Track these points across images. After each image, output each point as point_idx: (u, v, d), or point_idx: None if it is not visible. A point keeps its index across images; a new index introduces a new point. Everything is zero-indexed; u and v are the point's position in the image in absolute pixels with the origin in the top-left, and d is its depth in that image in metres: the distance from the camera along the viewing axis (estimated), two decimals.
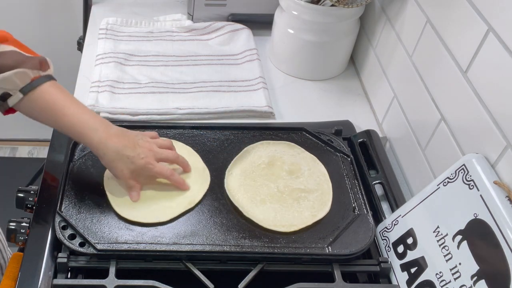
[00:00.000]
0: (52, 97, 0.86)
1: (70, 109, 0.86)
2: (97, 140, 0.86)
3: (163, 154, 0.91)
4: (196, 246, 0.85)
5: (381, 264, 0.86)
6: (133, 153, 0.87)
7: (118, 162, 0.87)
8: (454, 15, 0.89)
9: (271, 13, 1.32)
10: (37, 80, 0.85)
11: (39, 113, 0.87)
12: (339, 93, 1.28)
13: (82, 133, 0.86)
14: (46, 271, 0.82)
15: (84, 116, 0.87)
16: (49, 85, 0.86)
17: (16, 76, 0.83)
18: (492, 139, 0.78)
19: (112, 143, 0.86)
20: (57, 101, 0.86)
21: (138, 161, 0.87)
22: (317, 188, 0.94)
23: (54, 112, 0.86)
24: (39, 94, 0.85)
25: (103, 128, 0.87)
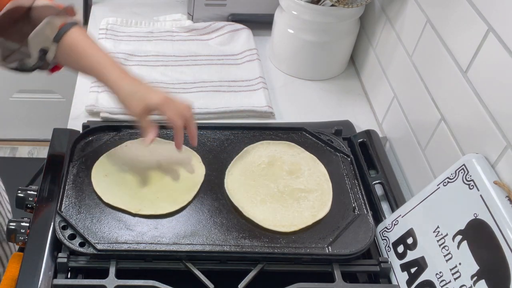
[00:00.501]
0: (76, 41, 0.88)
1: (92, 50, 0.89)
2: (114, 78, 0.87)
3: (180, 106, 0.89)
4: (196, 246, 0.85)
5: (381, 264, 0.86)
6: (147, 92, 0.87)
7: (132, 99, 0.87)
8: (454, 15, 0.89)
9: (271, 13, 1.32)
10: (63, 27, 0.88)
11: (69, 59, 0.90)
12: (339, 93, 1.28)
13: (101, 72, 0.88)
14: (46, 271, 0.82)
15: (106, 58, 0.89)
16: (74, 31, 0.89)
17: (46, 26, 0.86)
18: (492, 139, 0.78)
19: (128, 81, 0.88)
20: (80, 43, 0.89)
21: (152, 99, 0.86)
22: (317, 188, 0.94)
23: (78, 55, 0.89)
24: (67, 40, 0.88)
25: (121, 70, 0.89)
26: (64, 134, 1.05)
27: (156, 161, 0.97)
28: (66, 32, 0.88)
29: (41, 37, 0.87)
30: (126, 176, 0.94)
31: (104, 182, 0.92)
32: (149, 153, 0.98)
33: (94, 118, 1.13)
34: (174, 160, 0.98)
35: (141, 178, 0.94)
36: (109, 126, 1.03)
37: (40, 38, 0.87)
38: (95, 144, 1.00)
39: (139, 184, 0.93)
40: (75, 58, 0.89)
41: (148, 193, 0.92)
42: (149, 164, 0.96)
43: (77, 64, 0.91)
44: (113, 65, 0.89)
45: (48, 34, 0.87)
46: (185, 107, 0.89)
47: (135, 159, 0.97)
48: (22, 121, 2.30)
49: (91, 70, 0.89)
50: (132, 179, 0.93)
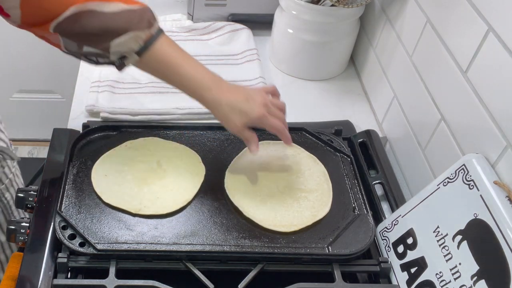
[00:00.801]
0: (165, 55, 0.87)
1: (183, 68, 0.87)
2: (211, 99, 0.87)
3: (275, 112, 0.90)
4: (196, 246, 0.85)
5: (381, 264, 0.86)
6: (246, 106, 0.87)
7: (231, 115, 0.87)
8: (454, 15, 0.89)
9: (271, 13, 1.32)
10: (149, 41, 0.86)
11: (154, 71, 0.90)
12: (339, 93, 1.28)
13: (196, 92, 0.88)
14: (46, 271, 0.82)
15: (197, 76, 0.88)
16: (161, 43, 0.87)
17: (130, 40, 0.85)
18: (492, 139, 0.78)
19: (225, 98, 0.87)
20: (170, 60, 0.87)
21: (253, 113, 0.87)
22: (317, 188, 0.94)
23: (167, 71, 0.88)
24: (152, 53, 0.86)
25: (216, 86, 0.88)
26: (64, 134, 1.05)
27: (156, 161, 0.97)
28: (151, 46, 0.86)
29: (123, 47, 0.85)
30: (126, 176, 0.94)
31: (104, 182, 0.92)
32: (149, 153, 0.98)
33: (94, 118, 1.13)
34: (175, 159, 0.98)
35: (141, 178, 0.94)
36: (109, 126, 1.03)
37: (122, 49, 0.85)
38: (95, 144, 1.00)
39: (139, 184, 0.93)
40: (164, 72, 0.88)
41: (148, 193, 0.92)
42: (149, 164, 0.96)
43: (165, 78, 0.89)
44: (207, 81, 0.87)
45: (132, 46, 0.85)
46: (281, 113, 0.91)
47: (135, 159, 0.97)
48: (22, 121, 2.30)
49: (183, 87, 0.89)
50: (132, 179, 0.93)
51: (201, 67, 0.89)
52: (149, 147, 0.99)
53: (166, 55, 0.87)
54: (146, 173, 0.94)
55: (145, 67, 0.89)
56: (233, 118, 0.87)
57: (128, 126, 1.04)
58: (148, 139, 1.01)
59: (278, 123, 0.89)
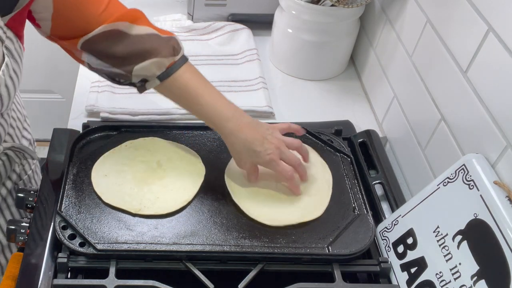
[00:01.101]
0: (186, 84, 0.88)
1: (204, 98, 0.88)
2: (229, 131, 0.88)
3: (288, 156, 0.90)
4: (196, 246, 0.85)
5: (381, 264, 0.86)
6: (260, 148, 0.88)
7: (244, 154, 0.89)
8: (454, 15, 0.89)
9: (271, 13, 1.32)
10: (172, 68, 0.87)
11: (174, 97, 0.91)
12: (339, 93, 1.28)
13: (215, 123, 0.89)
14: (46, 271, 0.82)
15: (217, 107, 0.89)
16: (183, 71, 0.88)
17: (153, 65, 0.86)
18: (492, 139, 0.78)
19: (242, 135, 0.88)
20: (191, 89, 0.88)
21: (264, 157, 0.88)
22: (315, 193, 0.93)
23: (188, 100, 0.89)
24: (174, 80, 0.88)
25: (235, 119, 0.89)
26: (64, 134, 1.05)
27: (156, 161, 0.97)
28: (174, 73, 0.87)
29: (146, 72, 0.87)
30: (126, 176, 0.94)
31: (104, 182, 0.92)
32: (149, 153, 0.98)
33: (94, 118, 1.13)
34: (175, 159, 0.98)
35: (141, 178, 0.94)
36: (109, 126, 1.03)
37: (145, 72, 0.87)
38: (95, 144, 1.00)
39: (139, 184, 0.93)
40: (185, 102, 0.90)
41: (148, 193, 0.91)
42: (149, 164, 0.96)
43: (186, 105, 0.91)
44: (227, 114, 0.88)
45: (154, 71, 0.87)
46: (295, 149, 0.92)
47: (135, 159, 0.97)
48: None
49: (204, 117, 0.90)
50: (132, 179, 0.93)
51: (223, 98, 0.90)
52: (149, 147, 0.99)
53: (188, 83, 0.88)
54: (146, 173, 0.94)
55: (166, 92, 0.90)
56: (245, 157, 0.90)
57: (128, 126, 1.04)
58: (148, 139, 1.01)
59: (287, 170, 0.89)
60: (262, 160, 0.88)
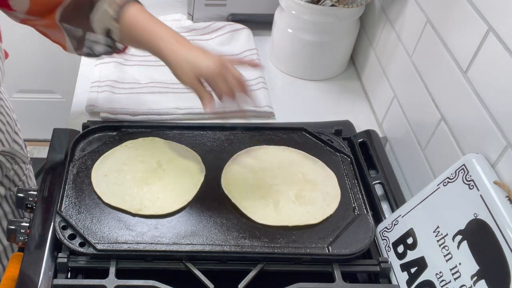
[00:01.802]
0: (135, 16, 0.89)
1: (148, 24, 0.89)
2: (169, 50, 0.87)
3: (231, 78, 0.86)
4: (196, 246, 0.85)
5: (381, 264, 0.86)
6: (201, 60, 0.85)
7: (186, 67, 0.86)
8: (454, 15, 0.89)
9: (271, 13, 1.32)
10: (123, 5, 0.88)
11: (129, 35, 0.90)
12: (339, 93, 1.28)
13: (156, 46, 0.88)
14: (46, 271, 0.82)
15: (160, 30, 0.88)
16: (134, 8, 0.89)
17: (108, 6, 0.87)
18: (492, 139, 0.78)
19: (183, 51, 0.86)
20: (138, 18, 0.89)
21: (205, 67, 0.85)
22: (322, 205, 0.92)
23: (136, 31, 0.89)
24: (127, 18, 0.88)
25: (176, 41, 0.88)
26: (64, 134, 1.05)
27: (156, 161, 0.97)
28: (126, 10, 0.88)
29: (103, 16, 0.88)
30: (126, 176, 0.94)
31: (104, 182, 0.92)
32: (149, 153, 0.98)
33: (94, 118, 1.13)
34: (175, 159, 0.98)
35: (141, 178, 0.94)
36: (109, 126, 1.03)
37: (103, 18, 0.88)
38: (95, 144, 1.00)
39: (139, 184, 0.93)
40: (134, 34, 0.89)
41: (148, 193, 0.92)
42: (149, 164, 0.96)
43: (136, 40, 0.90)
44: (167, 34, 0.88)
45: (110, 13, 0.88)
46: (237, 83, 0.87)
47: (135, 159, 0.97)
48: (22, 121, 2.30)
49: (148, 43, 0.89)
50: (132, 179, 0.93)
51: (167, 27, 0.90)
52: (149, 147, 0.99)
53: (137, 16, 0.89)
54: (146, 173, 0.94)
55: (126, 37, 0.90)
56: (187, 69, 0.85)
57: (128, 126, 1.04)
58: (148, 139, 1.01)
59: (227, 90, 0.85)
60: (203, 71, 0.85)
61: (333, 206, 0.92)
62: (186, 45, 0.87)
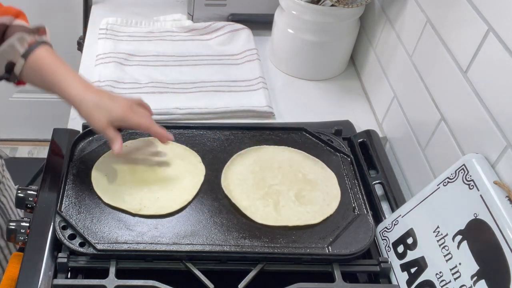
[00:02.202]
0: (42, 58, 0.89)
1: (55, 67, 0.90)
2: (76, 94, 0.88)
3: (141, 112, 0.92)
4: (196, 246, 0.85)
5: (381, 264, 0.86)
6: (110, 104, 0.89)
7: (96, 112, 0.88)
8: (454, 15, 0.89)
9: (271, 13, 1.32)
10: (34, 45, 0.89)
11: (35, 76, 0.90)
12: (339, 93, 1.28)
13: (62, 88, 0.89)
14: (46, 271, 0.82)
15: (66, 73, 0.90)
16: (44, 50, 0.90)
17: (17, 42, 0.87)
18: (492, 139, 0.78)
19: (90, 94, 0.89)
20: (45, 60, 0.89)
21: (116, 111, 0.88)
22: (322, 205, 0.93)
23: (42, 72, 0.89)
24: (35, 57, 0.89)
25: (82, 84, 0.90)
26: (64, 134, 1.05)
27: (156, 161, 0.97)
28: (35, 49, 0.88)
29: (10, 51, 0.88)
30: (126, 176, 0.94)
31: (104, 182, 0.92)
32: (149, 153, 0.98)
33: None
34: (175, 159, 0.98)
35: (141, 178, 0.94)
36: None
37: (10, 52, 0.88)
38: (95, 144, 1.00)
39: (139, 184, 0.93)
40: (40, 75, 0.90)
41: (148, 193, 0.92)
42: (149, 164, 0.96)
43: (41, 81, 0.91)
44: (76, 80, 0.89)
45: (18, 48, 0.88)
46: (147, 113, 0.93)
47: (135, 159, 0.97)
48: (22, 121, 2.30)
49: (53, 86, 0.90)
50: (132, 179, 0.93)
51: (73, 71, 0.91)
52: (149, 147, 0.99)
53: (45, 58, 0.89)
54: (146, 173, 0.94)
55: (29, 74, 0.90)
56: (97, 115, 0.88)
57: None
58: (149, 139, 1.01)
59: (144, 120, 0.91)
60: (115, 114, 0.88)
61: (333, 206, 0.92)
62: (94, 91, 0.90)
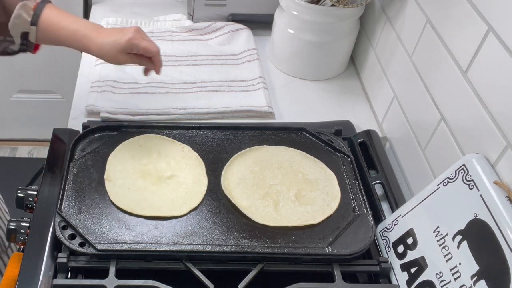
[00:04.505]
0: (51, 17, 0.93)
1: (65, 22, 0.94)
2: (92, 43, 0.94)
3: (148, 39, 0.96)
4: (196, 246, 0.85)
5: (381, 264, 0.86)
6: (119, 34, 0.94)
7: (111, 50, 0.94)
8: (454, 15, 0.89)
9: (271, 13, 1.32)
10: (37, 8, 0.92)
11: (49, 36, 0.94)
12: (339, 93, 1.28)
13: (78, 39, 0.94)
14: (46, 271, 0.82)
15: (77, 26, 0.94)
16: (48, 9, 0.93)
17: (22, 11, 0.90)
18: (492, 139, 0.78)
19: (104, 38, 0.94)
20: (55, 18, 0.93)
21: (124, 38, 0.93)
22: (322, 205, 0.93)
23: (55, 31, 0.93)
24: (43, 20, 0.92)
25: (95, 31, 0.94)
26: (64, 134, 1.05)
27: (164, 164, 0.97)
28: (41, 13, 0.92)
29: (20, 21, 0.90)
30: (132, 176, 0.94)
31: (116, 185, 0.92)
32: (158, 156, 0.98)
33: (94, 118, 1.13)
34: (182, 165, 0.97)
35: (146, 179, 0.94)
36: (109, 126, 1.03)
37: (19, 24, 0.91)
38: (95, 144, 1.00)
39: (143, 185, 0.92)
40: (52, 35, 0.94)
41: (150, 195, 0.91)
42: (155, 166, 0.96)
43: (55, 40, 0.95)
44: (89, 29, 0.94)
45: (26, 17, 0.91)
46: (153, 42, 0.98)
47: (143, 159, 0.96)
48: (22, 121, 2.30)
49: (69, 41, 0.94)
50: (136, 179, 0.93)
51: (82, 20, 0.96)
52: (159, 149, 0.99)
53: (53, 16, 0.93)
54: (151, 175, 0.94)
55: (43, 36, 0.94)
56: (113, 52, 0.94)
57: (128, 126, 1.04)
58: (162, 141, 1.00)
59: (152, 45, 0.96)
60: (123, 41, 0.93)
61: (333, 206, 0.92)
62: (105, 32, 0.95)
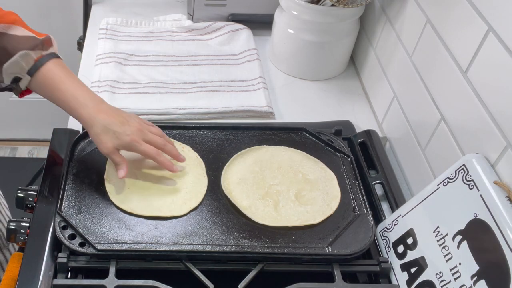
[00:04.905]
0: (51, 74, 0.89)
1: (65, 85, 0.89)
2: (87, 116, 0.88)
3: (151, 137, 0.90)
4: (196, 246, 0.85)
5: (381, 264, 0.86)
6: (120, 129, 0.87)
7: (104, 136, 0.87)
8: (454, 15, 0.89)
9: (271, 13, 1.32)
10: (40, 60, 0.88)
11: (44, 91, 0.90)
12: (339, 93, 1.28)
13: (74, 109, 0.88)
14: (46, 271, 0.82)
15: (77, 93, 0.89)
16: (51, 63, 0.89)
17: (22, 59, 0.87)
18: (492, 139, 0.78)
19: (100, 117, 0.87)
20: (55, 77, 0.89)
21: (124, 137, 0.87)
22: (322, 205, 0.93)
23: (52, 88, 0.89)
24: (42, 73, 0.88)
25: (94, 104, 0.88)
26: (64, 134, 1.05)
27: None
28: (42, 66, 0.88)
29: (15, 68, 0.87)
30: (137, 174, 0.94)
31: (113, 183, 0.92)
32: None
33: None
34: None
35: (147, 179, 0.93)
36: None
37: (15, 69, 0.87)
38: (95, 144, 1.00)
39: (144, 185, 0.92)
40: (50, 91, 0.89)
41: (151, 195, 0.91)
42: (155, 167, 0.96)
43: (51, 97, 0.90)
44: (86, 99, 0.88)
45: (23, 66, 0.87)
46: (155, 137, 0.91)
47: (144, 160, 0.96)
48: (22, 121, 2.30)
49: (64, 104, 0.89)
50: (138, 180, 0.93)
51: (84, 87, 0.90)
52: None
53: (54, 74, 0.89)
54: (152, 175, 0.94)
55: (37, 88, 0.90)
56: (105, 139, 0.87)
57: None
58: None
59: (151, 149, 0.89)
60: (122, 140, 0.87)
61: (333, 206, 0.92)
62: (106, 112, 0.88)
